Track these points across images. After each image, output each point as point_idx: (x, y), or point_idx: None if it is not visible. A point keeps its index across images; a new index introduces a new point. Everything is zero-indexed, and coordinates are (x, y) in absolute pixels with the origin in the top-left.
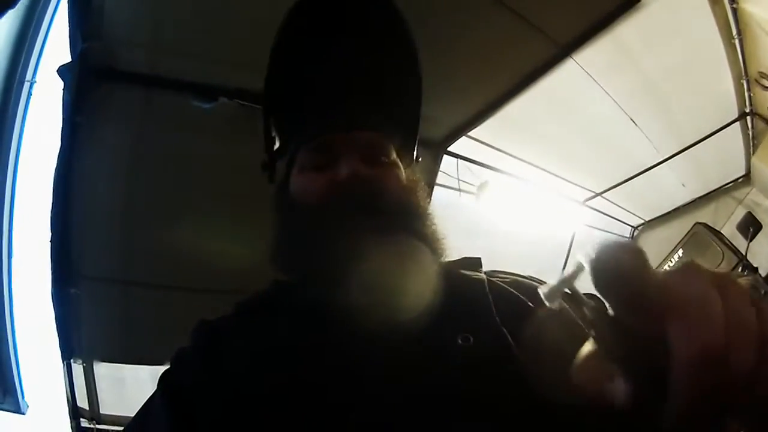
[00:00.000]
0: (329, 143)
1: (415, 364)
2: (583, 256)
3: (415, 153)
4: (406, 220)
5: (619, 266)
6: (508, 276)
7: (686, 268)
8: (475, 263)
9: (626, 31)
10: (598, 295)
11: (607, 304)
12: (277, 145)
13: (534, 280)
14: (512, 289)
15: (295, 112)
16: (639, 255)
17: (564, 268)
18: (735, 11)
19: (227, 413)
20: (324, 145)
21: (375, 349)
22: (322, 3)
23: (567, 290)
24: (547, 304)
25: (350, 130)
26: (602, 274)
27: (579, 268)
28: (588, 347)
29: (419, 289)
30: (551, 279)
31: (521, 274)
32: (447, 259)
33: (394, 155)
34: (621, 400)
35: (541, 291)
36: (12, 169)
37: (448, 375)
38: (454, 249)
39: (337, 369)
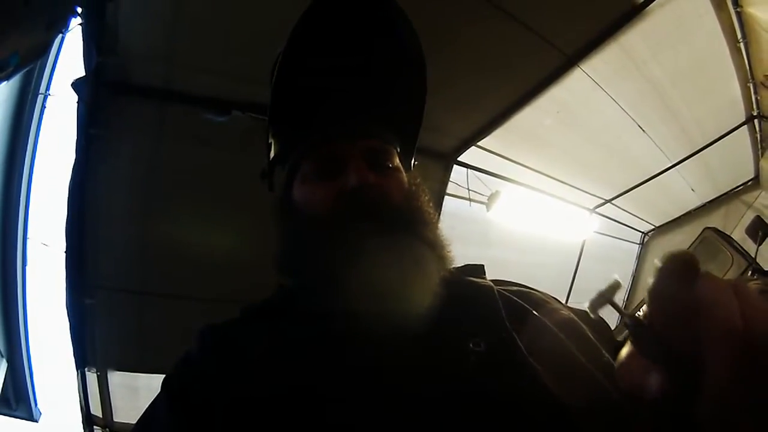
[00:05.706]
0: (334, 152)
1: (427, 369)
2: (618, 275)
3: (413, 157)
4: (412, 226)
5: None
6: (511, 286)
7: (706, 277)
8: (478, 270)
9: (632, 38)
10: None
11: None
12: (273, 152)
13: (535, 292)
14: (517, 299)
15: (297, 120)
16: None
17: (575, 271)
18: (739, 15)
19: (232, 415)
20: (329, 155)
21: (384, 353)
22: (328, 12)
23: (608, 302)
24: (591, 314)
25: (355, 139)
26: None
27: (615, 284)
28: (626, 350)
29: (427, 295)
30: (548, 291)
31: (524, 284)
32: (453, 265)
33: (396, 161)
34: (659, 391)
35: (587, 303)
36: (27, 180)
37: (460, 380)
38: (465, 258)
39: (345, 373)
